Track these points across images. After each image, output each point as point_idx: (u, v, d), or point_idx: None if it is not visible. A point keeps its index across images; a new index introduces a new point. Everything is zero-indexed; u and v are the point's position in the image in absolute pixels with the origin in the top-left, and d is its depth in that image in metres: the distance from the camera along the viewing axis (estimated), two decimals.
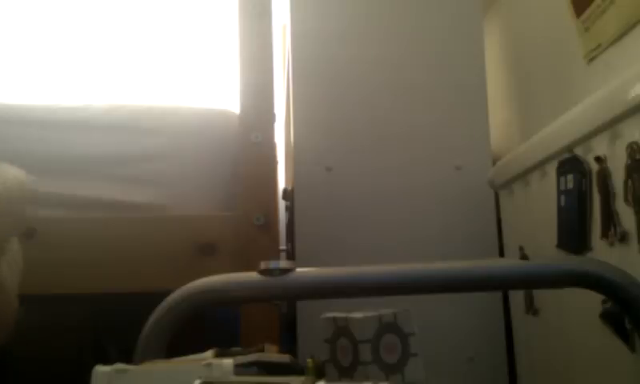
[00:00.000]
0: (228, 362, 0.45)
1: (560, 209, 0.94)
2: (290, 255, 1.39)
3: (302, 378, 0.48)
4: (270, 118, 1.04)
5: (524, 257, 1.10)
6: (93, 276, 0.95)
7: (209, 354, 0.59)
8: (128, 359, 0.51)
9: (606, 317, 0.81)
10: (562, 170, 0.93)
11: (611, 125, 0.79)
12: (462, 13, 1.36)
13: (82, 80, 1.78)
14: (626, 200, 0.76)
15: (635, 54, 0.88)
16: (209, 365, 0.44)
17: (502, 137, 1.44)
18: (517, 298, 1.16)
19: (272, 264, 0.63)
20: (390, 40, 1.34)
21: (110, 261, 0.95)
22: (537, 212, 1.04)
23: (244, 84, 1.03)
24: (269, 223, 0.98)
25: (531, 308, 1.08)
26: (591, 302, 0.83)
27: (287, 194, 1.48)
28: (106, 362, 0.45)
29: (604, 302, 0.81)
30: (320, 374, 0.64)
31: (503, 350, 1.23)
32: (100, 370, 0.43)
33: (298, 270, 0.64)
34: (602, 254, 0.81)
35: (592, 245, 0.85)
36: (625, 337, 0.77)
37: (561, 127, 0.93)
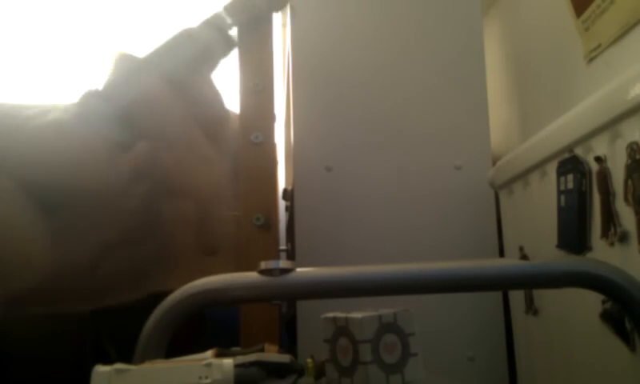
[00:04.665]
0: (228, 361, 0.44)
1: (560, 209, 0.94)
2: (290, 255, 1.39)
3: None
4: (270, 118, 1.04)
5: (524, 257, 1.10)
6: None
7: (209, 353, 0.59)
8: (128, 359, 0.51)
9: (606, 317, 0.81)
10: (562, 170, 0.93)
11: (611, 125, 0.79)
12: (462, 13, 1.36)
13: (82, 80, 1.78)
14: (625, 200, 0.76)
15: (635, 54, 0.88)
16: (209, 365, 0.44)
17: (502, 137, 1.44)
18: (517, 297, 1.16)
19: (272, 264, 0.63)
20: (390, 40, 1.34)
21: None
22: (537, 212, 1.04)
23: (244, 84, 1.03)
24: (269, 223, 0.98)
25: (531, 308, 1.08)
26: (591, 302, 0.83)
27: (287, 194, 1.48)
28: (106, 361, 0.45)
29: (604, 302, 0.81)
30: (320, 374, 0.64)
31: (503, 349, 1.23)
32: (100, 369, 0.43)
33: (298, 269, 0.64)
34: (602, 254, 0.81)
35: (592, 245, 0.85)
36: (625, 337, 0.77)
37: (561, 127, 0.93)
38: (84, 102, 0.28)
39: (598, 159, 0.82)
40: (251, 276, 0.64)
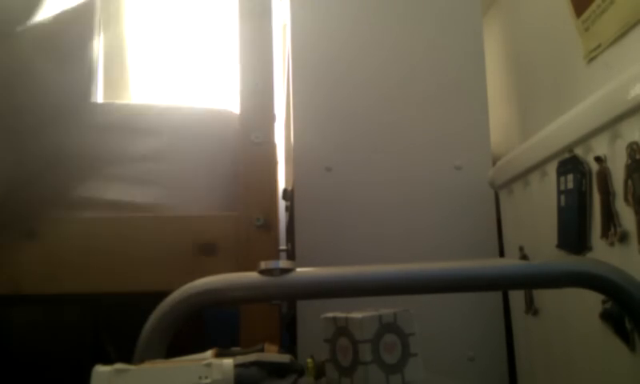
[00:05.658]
0: (228, 361, 0.45)
1: (560, 209, 0.94)
2: (290, 255, 1.39)
3: None
4: (270, 118, 1.04)
5: (524, 257, 1.10)
6: (93, 276, 0.95)
7: (209, 353, 0.59)
8: (128, 359, 0.51)
9: (606, 317, 0.81)
10: (562, 170, 0.93)
11: (611, 125, 0.79)
12: (461, 13, 1.36)
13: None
14: (625, 200, 0.76)
15: (635, 54, 0.88)
16: (209, 365, 0.44)
17: (502, 137, 1.44)
18: (517, 297, 1.16)
19: (272, 264, 0.63)
20: (390, 40, 1.34)
21: (110, 261, 0.95)
22: (537, 212, 1.04)
23: (244, 84, 1.03)
24: (269, 223, 0.98)
25: (531, 308, 1.08)
26: (591, 302, 0.83)
27: (287, 194, 1.48)
28: (106, 362, 0.45)
29: (604, 302, 0.82)
30: (320, 374, 0.64)
31: (503, 349, 1.23)
32: (100, 369, 0.43)
33: (298, 269, 0.64)
34: (602, 254, 0.81)
35: (592, 245, 0.85)
36: (625, 337, 0.77)
37: (561, 127, 0.93)
38: None
39: (598, 159, 0.82)
40: (251, 276, 0.64)
